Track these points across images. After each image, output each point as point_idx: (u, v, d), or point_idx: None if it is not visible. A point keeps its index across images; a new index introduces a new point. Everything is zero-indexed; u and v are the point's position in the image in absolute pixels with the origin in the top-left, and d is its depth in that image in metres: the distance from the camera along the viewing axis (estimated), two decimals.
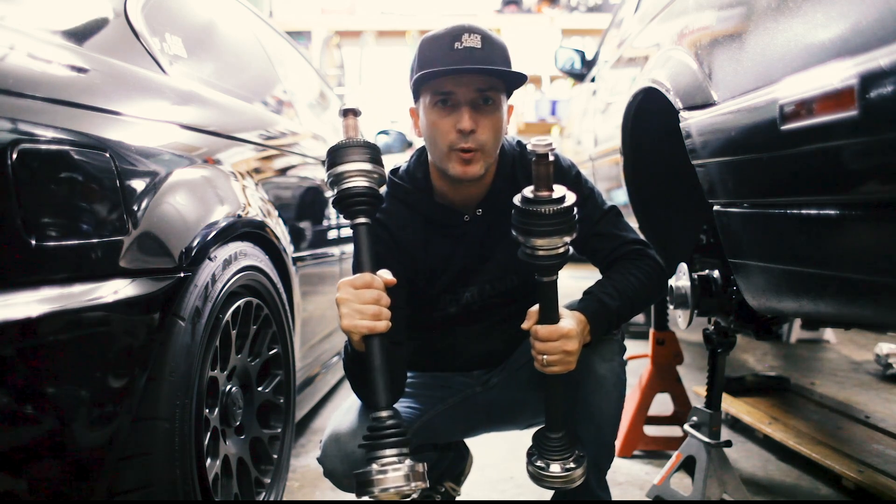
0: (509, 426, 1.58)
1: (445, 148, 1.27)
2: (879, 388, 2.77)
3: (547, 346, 1.18)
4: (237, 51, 2.12)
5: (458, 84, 1.24)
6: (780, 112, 0.93)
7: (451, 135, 1.25)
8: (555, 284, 1.17)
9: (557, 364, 1.19)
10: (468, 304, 1.41)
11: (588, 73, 3.44)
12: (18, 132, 0.97)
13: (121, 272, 1.09)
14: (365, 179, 1.14)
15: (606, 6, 6.88)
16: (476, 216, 1.37)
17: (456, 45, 1.23)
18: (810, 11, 0.93)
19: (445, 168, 1.29)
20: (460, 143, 1.25)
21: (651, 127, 1.73)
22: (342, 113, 1.18)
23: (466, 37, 1.23)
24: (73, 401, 1.02)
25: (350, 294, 1.13)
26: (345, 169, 1.13)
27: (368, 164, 1.14)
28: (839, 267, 0.96)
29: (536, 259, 1.13)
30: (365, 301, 1.12)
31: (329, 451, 1.33)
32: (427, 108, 1.28)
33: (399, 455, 1.10)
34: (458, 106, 1.25)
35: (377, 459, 1.10)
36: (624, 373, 1.35)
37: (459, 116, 1.24)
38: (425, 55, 1.27)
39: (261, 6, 6.44)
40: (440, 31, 1.27)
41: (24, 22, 1.14)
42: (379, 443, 1.11)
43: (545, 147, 1.06)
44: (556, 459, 1.25)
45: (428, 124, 1.29)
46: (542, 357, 1.19)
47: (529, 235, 1.11)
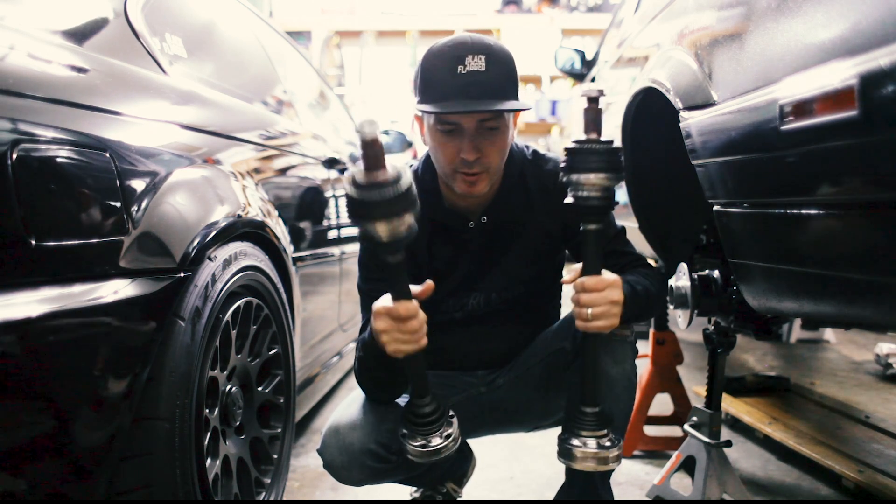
0: (514, 428, 1.58)
1: (450, 169, 1.28)
2: (879, 388, 2.77)
3: (593, 296, 1.15)
4: (237, 51, 2.11)
5: (461, 116, 1.23)
6: (781, 112, 0.93)
7: (455, 159, 1.26)
8: (600, 234, 1.17)
9: (603, 317, 1.15)
10: (473, 311, 1.41)
11: (588, 73, 3.43)
12: (18, 132, 0.97)
13: (121, 272, 1.09)
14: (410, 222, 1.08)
15: (606, 6, 6.88)
16: (481, 224, 1.37)
17: (459, 69, 1.21)
18: (810, 11, 0.93)
19: (451, 185, 1.31)
20: (464, 168, 1.25)
21: (651, 127, 1.73)
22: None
23: (470, 59, 1.21)
24: (73, 401, 1.02)
25: (392, 326, 1.12)
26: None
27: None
28: (839, 267, 0.96)
29: (585, 200, 1.13)
30: (408, 331, 1.12)
31: (328, 442, 1.34)
32: (431, 129, 1.28)
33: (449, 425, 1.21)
34: (462, 133, 1.24)
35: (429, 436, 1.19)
36: (635, 376, 1.34)
37: (462, 145, 1.24)
38: (428, 77, 1.25)
39: (261, 6, 6.44)
40: (444, 46, 1.25)
41: (24, 22, 1.14)
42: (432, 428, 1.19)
43: (596, 91, 1.11)
44: (592, 436, 1.19)
45: (433, 143, 1.29)
46: (587, 311, 1.15)
47: (578, 172, 1.12)
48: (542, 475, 1.99)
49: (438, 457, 1.19)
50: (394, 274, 1.10)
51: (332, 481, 1.37)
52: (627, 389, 1.33)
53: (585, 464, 1.19)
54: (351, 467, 1.32)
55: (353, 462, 1.32)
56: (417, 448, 1.19)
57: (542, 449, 2.16)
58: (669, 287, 1.58)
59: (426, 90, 1.25)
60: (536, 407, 1.49)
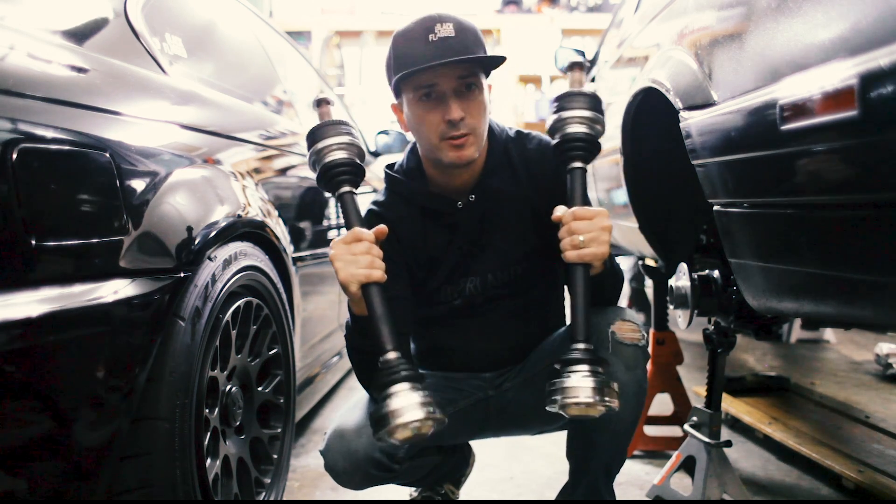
0: (520, 431, 1.57)
1: (436, 139, 1.28)
2: (879, 388, 2.77)
3: (584, 223, 1.15)
4: (237, 51, 2.12)
5: (439, 76, 1.25)
6: (780, 112, 0.93)
7: (440, 126, 1.27)
8: (584, 173, 1.23)
9: (594, 243, 1.14)
10: (472, 296, 1.41)
11: (588, 73, 3.43)
12: (18, 132, 0.97)
13: (121, 272, 1.09)
14: (344, 151, 1.21)
15: (606, 6, 6.87)
16: (469, 202, 1.38)
17: (430, 38, 1.24)
18: (810, 11, 0.93)
19: (439, 158, 1.31)
20: (451, 132, 1.27)
21: (651, 127, 1.73)
22: (315, 104, 1.27)
23: (439, 27, 1.24)
24: (73, 401, 1.02)
25: (342, 249, 1.17)
26: (323, 144, 1.21)
27: (345, 136, 1.21)
28: (839, 267, 0.96)
29: (572, 136, 1.20)
30: (357, 253, 1.16)
31: (332, 446, 1.33)
32: (412, 103, 1.29)
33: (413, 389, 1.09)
34: (444, 97, 1.26)
35: (390, 396, 1.08)
36: (646, 381, 1.32)
37: (446, 107, 1.26)
38: (401, 52, 1.27)
39: (261, 6, 6.44)
40: (411, 24, 1.28)
41: (24, 22, 1.14)
42: (390, 379, 1.10)
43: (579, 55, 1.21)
44: (588, 374, 1.08)
45: (415, 119, 1.30)
46: (578, 237, 1.14)
47: (563, 110, 1.21)
48: (542, 475, 1.99)
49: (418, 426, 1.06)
50: (346, 207, 1.22)
51: (332, 481, 1.37)
52: (637, 395, 1.30)
53: (581, 401, 1.07)
54: (353, 473, 1.32)
55: (356, 469, 1.31)
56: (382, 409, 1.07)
57: (542, 449, 2.16)
58: (669, 287, 1.58)
59: (399, 63, 1.27)
60: (543, 411, 1.48)
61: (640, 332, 1.30)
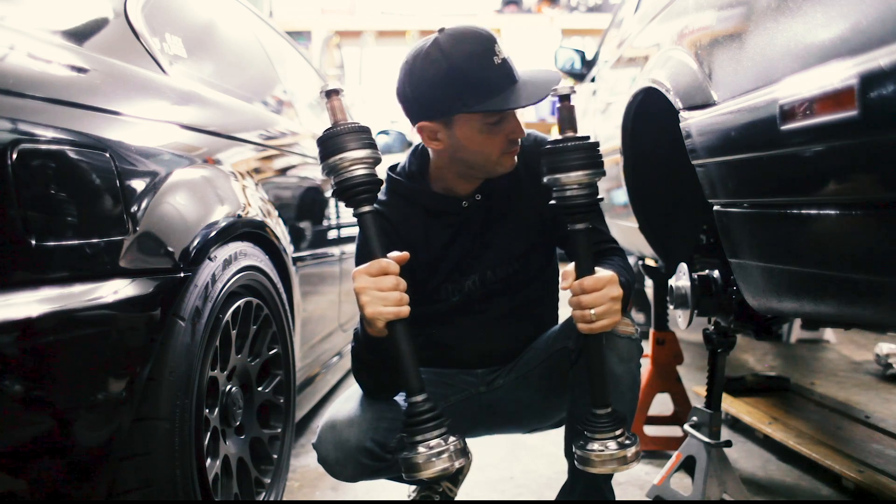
0: (512, 429, 1.58)
1: (498, 154, 1.31)
2: (879, 388, 2.77)
3: (595, 296, 1.13)
4: (237, 51, 2.12)
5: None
6: (781, 112, 0.93)
7: (503, 144, 1.29)
8: (588, 233, 1.17)
9: (606, 315, 1.14)
10: (470, 293, 1.42)
11: (588, 73, 3.43)
12: (18, 132, 0.97)
13: (121, 272, 1.09)
14: (363, 167, 1.13)
15: (606, 6, 6.87)
16: (475, 201, 1.39)
17: (495, 60, 1.24)
18: (810, 11, 0.93)
19: (494, 171, 1.33)
20: (512, 147, 1.30)
21: (651, 127, 1.73)
22: (325, 94, 1.15)
23: (497, 47, 1.25)
24: (73, 401, 1.02)
25: (369, 282, 1.12)
26: (341, 158, 1.12)
27: (365, 150, 1.13)
28: (839, 267, 0.96)
29: (567, 200, 1.13)
30: (385, 288, 1.12)
31: (324, 437, 1.34)
32: (477, 126, 1.27)
33: (441, 437, 1.12)
34: (508, 117, 1.28)
35: (420, 444, 1.11)
36: (639, 374, 1.35)
37: (511, 126, 1.28)
38: (475, 76, 1.23)
39: (261, 6, 6.44)
40: (465, 45, 1.23)
41: (24, 22, 1.14)
42: (421, 427, 1.12)
43: (568, 88, 1.12)
44: (610, 438, 1.16)
45: (477, 139, 1.29)
46: (590, 311, 1.14)
47: (559, 172, 1.12)
48: (542, 475, 1.99)
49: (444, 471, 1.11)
50: (366, 228, 1.15)
51: (333, 481, 1.38)
52: (632, 388, 1.33)
53: (606, 467, 1.15)
54: (346, 464, 1.33)
55: (347, 459, 1.32)
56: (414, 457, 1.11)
57: (542, 449, 2.16)
58: (669, 287, 1.58)
59: (476, 91, 1.23)
60: (536, 408, 1.49)
61: (634, 325, 1.33)
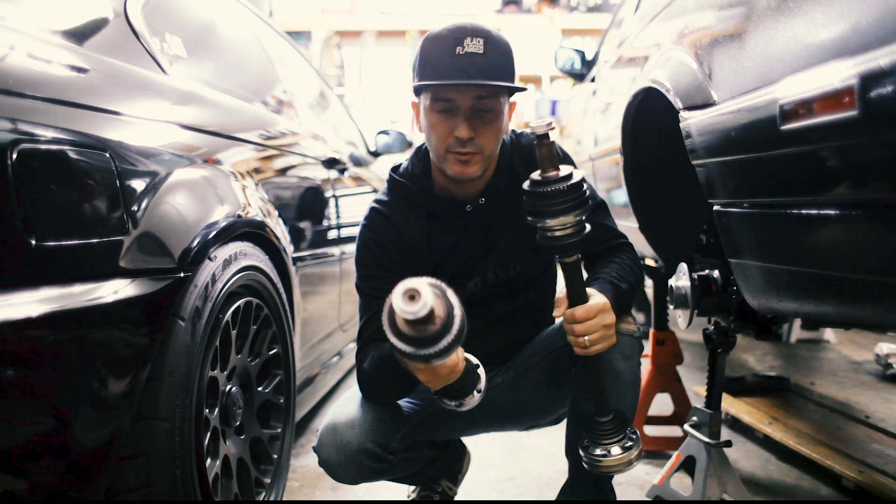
0: (511, 427, 1.58)
1: (443, 150, 1.28)
2: (879, 388, 2.77)
3: (587, 325, 1.17)
4: (237, 51, 2.11)
5: (457, 92, 1.24)
6: (780, 112, 0.93)
7: (448, 139, 1.27)
8: (578, 264, 1.17)
9: (601, 341, 1.18)
10: (472, 296, 1.41)
11: (588, 73, 3.43)
12: (18, 132, 0.97)
13: (121, 272, 1.09)
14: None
15: (606, 6, 6.87)
16: (479, 205, 1.39)
17: (458, 51, 1.22)
18: (810, 11, 0.93)
19: (443, 168, 1.31)
20: (458, 148, 1.26)
21: (651, 127, 1.73)
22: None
23: (469, 41, 1.22)
24: (73, 401, 1.02)
25: (436, 376, 1.16)
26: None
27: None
28: (839, 267, 0.96)
29: (555, 240, 1.13)
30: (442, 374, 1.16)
31: (326, 440, 1.33)
32: (427, 110, 1.29)
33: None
34: (457, 112, 1.25)
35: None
36: (640, 371, 1.36)
37: (457, 123, 1.25)
38: (427, 57, 1.26)
39: (261, 6, 6.44)
40: (443, 30, 1.27)
41: (24, 22, 1.14)
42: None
43: (545, 127, 1.07)
44: (614, 443, 1.23)
45: (427, 125, 1.30)
46: (583, 339, 1.17)
47: (544, 217, 1.11)
48: (542, 475, 1.99)
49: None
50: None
51: (333, 481, 1.37)
52: (633, 385, 1.34)
53: (614, 469, 1.24)
54: (348, 466, 1.32)
55: (349, 461, 1.32)
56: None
57: (542, 449, 2.16)
58: (669, 287, 1.58)
59: (424, 69, 1.26)
60: (534, 406, 1.49)
61: (635, 323, 1.34)
